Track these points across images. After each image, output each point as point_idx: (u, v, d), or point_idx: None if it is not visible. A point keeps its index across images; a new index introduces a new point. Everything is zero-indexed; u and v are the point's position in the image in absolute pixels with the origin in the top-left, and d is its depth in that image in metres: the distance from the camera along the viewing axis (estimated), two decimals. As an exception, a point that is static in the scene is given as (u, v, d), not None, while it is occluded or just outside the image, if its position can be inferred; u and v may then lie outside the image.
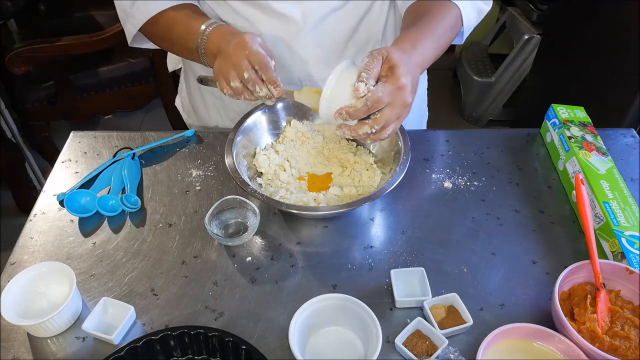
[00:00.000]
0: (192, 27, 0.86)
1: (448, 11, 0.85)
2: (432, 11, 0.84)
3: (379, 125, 0.71)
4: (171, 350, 0.69)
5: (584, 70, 1.92)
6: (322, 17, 0.91)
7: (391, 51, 0.72)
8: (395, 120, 0.72)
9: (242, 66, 0.77)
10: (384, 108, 0.70)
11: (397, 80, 0.70)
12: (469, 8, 0.87)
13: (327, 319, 0.72)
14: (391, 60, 0.71)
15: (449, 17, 0.85)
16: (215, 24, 0.85)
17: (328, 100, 0.72)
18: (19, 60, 1.74)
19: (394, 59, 0.71)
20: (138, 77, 2.05)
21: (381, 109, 0.70)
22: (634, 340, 0.68)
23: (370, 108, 0.69)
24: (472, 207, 0.90)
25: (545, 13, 2.22)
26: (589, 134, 0.96)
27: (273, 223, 0.88)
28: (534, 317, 0.74)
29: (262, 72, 0.77)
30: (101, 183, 0.93)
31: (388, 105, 0.70)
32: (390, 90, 0.69)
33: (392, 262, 0.82)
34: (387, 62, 0.71)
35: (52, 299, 0.75)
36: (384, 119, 0.71)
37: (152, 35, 0.96)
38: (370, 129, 0.71)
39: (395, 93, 0.70)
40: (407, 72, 0.71)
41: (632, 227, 0.79)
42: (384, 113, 0.71)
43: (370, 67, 0.70)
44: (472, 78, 2.55)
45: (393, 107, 0.71)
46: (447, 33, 0.85)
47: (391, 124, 0.72)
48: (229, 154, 0.86)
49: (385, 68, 0.71)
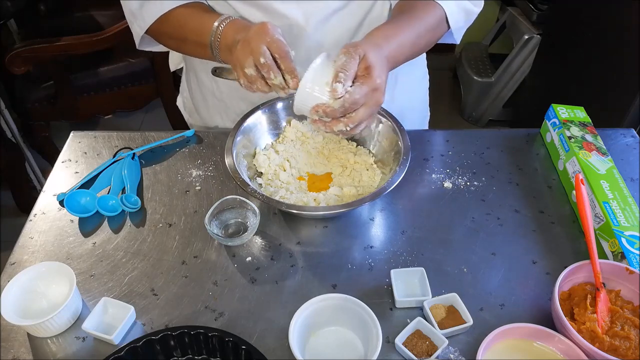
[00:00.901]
0: (205, 23, 0.85)
1: (431, 11, 0.86)
2: (413, 10, 0.85)
3: (353, 123, 0.73)
4: (171, 350, 0.69)
5: (584, 70, 1.92)
6: (324, 18, 0.91)
7: (368, 50, 0.73)
8: (368, 118, 0.75)
9: (259, 51, 0.75)
10: (359, 108, 0.73)
11: (373, 82, 0.72)
12: (455, 9, 0.88)
13: (327, 319, 0.72)
14: (368, 60, 0.72)
15: (431, 17, 0.86)
16: (228, 19, 0.84)
17: (304, 95, 0.73)
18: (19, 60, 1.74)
19: (370, 59, 0.72)
20: (138, 77, 2.05)
21: (356, 109, 0.73)
22: (634, 340, 0.68)
23: (347, 109, 0.72)
24: (472, 207, 0.90)
25: (545, 13, 2.22)
26: (589, 134, 0.96)
27: (273, 223, 0.88)
28: (534, 317, 0.74)
29: (281, 60, 0.76)
30: (101, 183, 0.93)
31: (363, 105, 0.73)
32: (366, 92, 0.72)
33: (392, 262, 0.82)
34: (364, 62, 0.72)
35: (52, 299, 0.75)
36: (358, 118, 0.73)
37: (162, 34, 0.94)
38: (345, 127, 0.73)
39: (371, 94, 0.72)
40: (381, 72, 0.73)
41: (632, 227, 0.79)
42: (359, 113, 0.73)
43: (347, 67, 0.71)
44: (472, 78, 2.55)
45: (367, 107, 0.73)
46: (428, 33, 0.87)
47: (364, 122, 0.75)
48: (229, 154, 0.86)
49: (361, 68, 0.73)
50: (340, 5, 0.91)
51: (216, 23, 0.84)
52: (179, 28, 0.90)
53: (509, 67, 2.42)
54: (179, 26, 0.90)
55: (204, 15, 0.87)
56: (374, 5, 0.95)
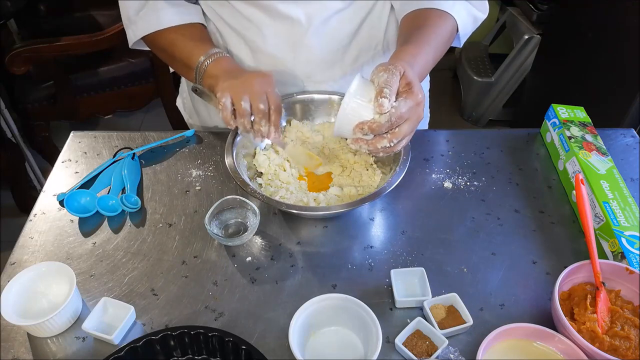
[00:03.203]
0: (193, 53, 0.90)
1: (445, 23, 0.88)
2: (430, 24, 0.86)
3: (397, 139, 0.73)
4: (171, 350, 0.68)
5: (584, 70, 1.92)
6: (325, 18, 0.91)
7: (406, 68, 0.74)
8: (410, 133, 0.75)
9: (261, 97, 0.81)
10: (403, 123, 0.73)
11: (416, 97, 0.72)
12: (465, 16, 0.90)
13: (327, 319, 0.72)
14: (407, 77, 0.73)
15: (446, 29, 0.88)
16: (215, 56, 0.88)
17: (348, 113, 0.73)
18: (19, 60, 1.74)
19: (409, 75, 0.73)
20: (138, 77, 2.05)
21: (400, 124, 0.73)
22: (634, 340, 0.68)
23: (393, 124, 0.72)
24: (472, 207, 0.90)
25: (545, 13, 2.22)
26: (589, 134, 0.96)
27: (273, 223, 0.88)
28: (534, 317, 0.74)
29: (274, 113, 0.82)
30: (101, 183, 0.93)
31: (407, 120, 0.73)
32: (411, 106, 0.72)
33: (392, 262, 0.82)
34: (404, 78, 0.73)
35: (52, 299, 0.75)
36: (402, 134, 0.73)
37: (154, 46, 0.97)
38: (389, 143, 0.73)
39: (414, 109, 0.73)
40: (420, 88, 0.74)
41: (632, 227, 0.79)
42: (403, 128, 0.73)
43: (390, 82, 0.71)
44: (472, 78, 2.55)
45: (411, 122, 0.74)
46: (444, 46, 0.89)
47: (407, 137, 0.75)
48: (229, 154, 0.86)
49: (402, 84, 0.73)
50: (342, 6, 0.91)
51: (202, 58, 0.88)
52: (170, 47, 0.93)
53: (509, 67, 2.42)
54: (170, 45, 0.93)
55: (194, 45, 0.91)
56: (375, 6, 0.95)
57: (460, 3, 0.90)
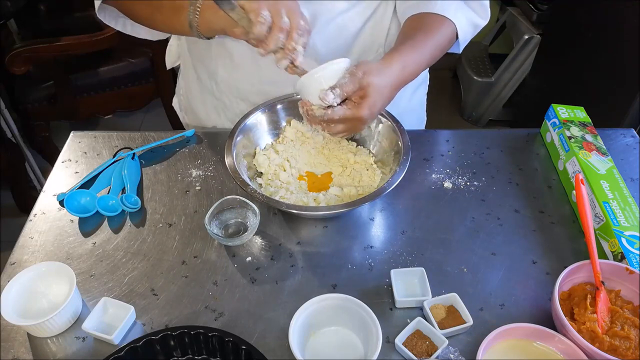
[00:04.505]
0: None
1: (444, 29, 0.88)
2: (429, 29, 0.87)
3: (329, 132, 0.80)
4: (171, 350, 0.68)
5: (584, 70, 1.92)
6: (330, 19, 0.91)
7: (371, 82, 0.75)
8: (345, 134, 0.81)
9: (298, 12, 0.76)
10: (338, 124, 0.77)
11: (358, 112, 0.75)
12: (465, 23, 0.91)
13: (327, 319, 0.72)
14: (367, 90, 0.75)
15: (444, 35, 0.89)
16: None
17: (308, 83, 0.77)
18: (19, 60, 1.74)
19: (369, 91, 0.75)
20: (138, 77, 2.05)
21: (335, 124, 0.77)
22: (633, 340, 0.68)
23: (325, 121, 0.77)
24: (472, 207, 0.90)
25: (545, 13, 2.22)
26: (589, 134, 0.96)
27: (273, 223, 0.88)
28: (534, 317, 0.74)
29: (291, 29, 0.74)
30: (101, 183, 0.93)
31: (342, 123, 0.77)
32: (347, 117, 0.76)
33: (392, 262, 0.82)
34: (362, 92, 0.76)
35: (52, 299, 0.75)
36: (334, 131, 0.79)
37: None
38: (321, 130, 0.80)
39: (352, 121, 0.77)
40: (373, 105, 0.76)
41: (632, 227, 0.79)
42: (337, 127, 0.78)
43: (344, 87, 0.75)
44: (472, 78, 2.55)
45: (345, 127, 0.78)
46: (440, 51, 0.90)
47: (340, 134, 0.81)
48: (229, 154, 0.86)
49: (357, 94, 0.76)
50: (347, 7, 0.91)
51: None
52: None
53: (509, 67, 2.42)
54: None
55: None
56: (378, 7, 0.95)
57: (462, 10, 0.90)
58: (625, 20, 1.67)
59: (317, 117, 0.77)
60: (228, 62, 0.98)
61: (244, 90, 1.01)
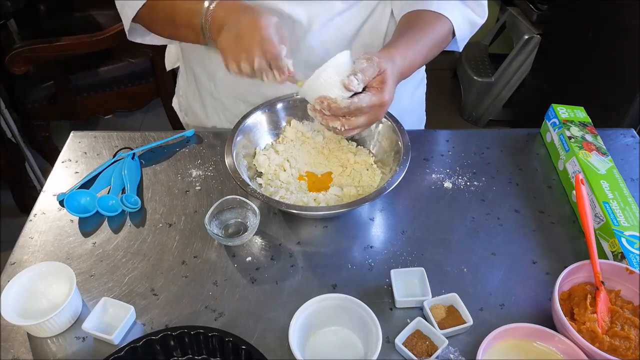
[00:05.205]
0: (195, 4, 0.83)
1: (440, 25, 0.88)
2: (424, 24, 0.87)
3: (349, 126, 0.76)
4: (171, 350, 0.68)
5: (584, 70, 1.92)
6: (327, 20, 0.91)
7: (388, 66, 0.75)
8: (364, 127, 0.78)
9: (253, 52, 0.76)
10: (360, 115, 0.75)
11: (382, 97, 0.74)
12: (461, 21, 0.90)
13: (327, 319, 0.72)
14: (385, 75, 0.74)
15: (440, 32, 0.88)
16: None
17: (317, 83, 0.74)
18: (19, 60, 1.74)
19: (387, 75, 0.74)
20: (138, 77, 2.05)
21: (357, 115, 0.75)
22: (634, 340, 0.68)
23: (350, 112, 0.74)
24: (472, 207, 0.90)
25: (545, 13, 2.22)
26: (589, 134, 0.96)
27: (273, 223, 0.88)
28: (534, 317, 0.74)
29: (273, 62, 0.77)
30: (101, 183, 0.93)
31: (364, 114, 0.75)
32: (374, 104, 0.74)
33: (392, 262, 0.82)
34: (381, 76, 0.74)
35: (52, 299, 0.75)
36: (355, 124, 0.75)
37: (153, 20, 0.92)
38: (340, 127, 0.76)
39: (376, 108, 0.75)
40: (391, 90, 0.76)
41: (632, 227, 0.79)
42: (359, 119, 0.75)
43: (365, 71, 0.73)
44: (472, 78, 2.55)
45: (368, 117, 0.76)
46: (437, 47, 0.89)
47: (360, 129, 0.78)
48: (229, 154, 0.86)
49: (377, 80, 0.74)
50: (344, 7, 0.91)
51: (206, 3, 0.82)
52: (170, 13, 0.87)
53: (509, 67, 2.42)
54: (170, 11, 0.87)
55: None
56: (376, 8, 0.95)
57: (459, 8, 0.90)
58: (625, 20, 1.67)
59: (341, 110, 0.73)
60: None
61: (242, 91, 1.01)
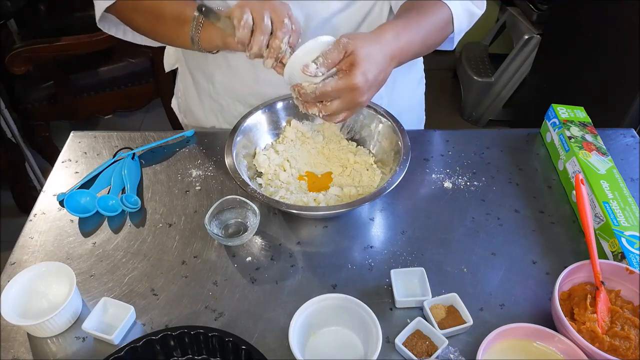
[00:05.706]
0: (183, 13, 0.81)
1: (439, 11, 0.86)
2: (422, 8, 0.85)
3: (327, 112, 0.75)
4: (171, 350, 0.69)
5: (584, 70, 1.92)
6: (324, 19, 0.91)
7: (358, 47, 0.72)
8: (344, 112, 0.75)
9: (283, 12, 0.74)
10: (334, 100, 0.73)
11: (350, 80, 0.71)
12: (460, 10, 0.88)
13: (327, 319, 0.72)
14: (355, 57, 0.71)
15: (439, 17, 0.86)
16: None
17: (291, 66, 0.74)
18: (19, 60, 1.74)
19: (358, 56, 0.71)
20: (138, 77, 2.05)
21: (331, 100, 0.73)
22: (634, 340, 0.68)
23: (317, 98, 0.73)
24: (472, 207, 0.90)
25: (545, 13, 2.22)
26: (589, 134, 0.96)
27: (273, 223, 0.88)
28: (534, 317, 0.74)
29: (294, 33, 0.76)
30: (101, 183, 0.93)
31: (338, 99, 0.73)
32: (340, 88, 0.72)
33: (392, 262, 0.82)
34: (350, 58, 0.72)
35: (52, 299, 0.75)
36: (332, 109, 0.74)
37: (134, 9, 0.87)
38: (319, 113, 0.75)
39: (346, 91, 0.72)
40: (367, 71, 0.72)
41: (632, 227, 0.79)
42: (333, 104, 0.74)
43: (328, 55, 0.71)
44: (472, 78, 2.55)
45: (343, 102, 0.74)
46: (436, 32, 0.86)
47: (340, 114, 0.76)
48: (229, 154, 0.86)
49: (346, 62, 0.72)
50: (341, 7, 0.91)
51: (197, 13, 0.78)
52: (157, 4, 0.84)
53: (509, 67, 2.42)
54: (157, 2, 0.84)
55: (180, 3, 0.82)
56: (374, 7, 0.95)
57: None
58: (625, 20, 1.67)
59: (309, 95, 0.73)
60: (224, 65, 0.98)
61: (240, 92, 1.01)
